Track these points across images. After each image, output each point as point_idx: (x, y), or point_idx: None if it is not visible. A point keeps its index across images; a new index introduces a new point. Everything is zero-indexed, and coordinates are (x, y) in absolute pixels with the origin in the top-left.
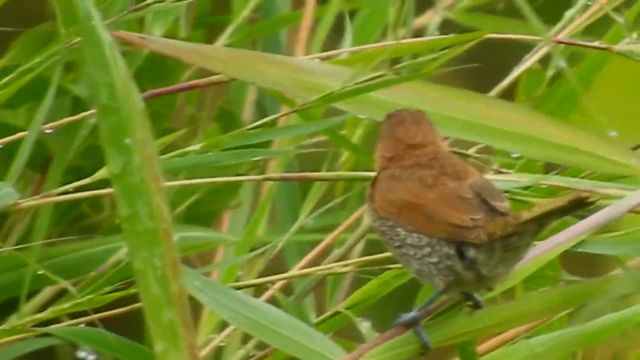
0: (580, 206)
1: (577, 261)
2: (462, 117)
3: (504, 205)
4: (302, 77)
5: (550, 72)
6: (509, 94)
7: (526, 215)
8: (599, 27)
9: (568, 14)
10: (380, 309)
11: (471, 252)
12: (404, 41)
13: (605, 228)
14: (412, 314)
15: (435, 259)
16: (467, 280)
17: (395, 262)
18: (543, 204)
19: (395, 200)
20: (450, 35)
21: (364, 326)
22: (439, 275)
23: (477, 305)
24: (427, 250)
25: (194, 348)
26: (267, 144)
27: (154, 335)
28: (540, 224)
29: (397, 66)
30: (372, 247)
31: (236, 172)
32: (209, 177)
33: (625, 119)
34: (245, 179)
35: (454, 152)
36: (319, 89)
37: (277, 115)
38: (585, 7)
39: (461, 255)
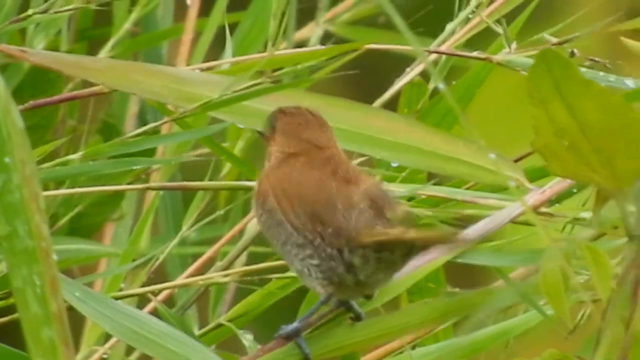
0: (446, 243)
1: (461, 271)
2: (341, 126)
3: (395, 215)
4: (181, 87)
5: (432, 85)
6: (391, 107)
7: (398, 234)
8: (482, 40)
9: (449, 26)
10: (265, 321)
11: (348, 256)
12: (282, 52)
13: (486, 238)
14: (294, 325)
15: (316, 261)
16: (347, 284)
17: (278, 272)
18: (418, 231)
19: (291, 192)
20: (328, 46)
21: (247, 338)
22: (320, 279)
23: (357, 317)
24: (309, 251)
25: None
26: (150, 153)
27: (32, 353)
28: (408, 247)
29: (276, 74)
30: (255, 259)
31: (119, 183)
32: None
33: (509, 131)
34: (124, 189)
35: None
36: (198, 99)
37: (157, 123)
38: (467, 20)
39: (341, 258)
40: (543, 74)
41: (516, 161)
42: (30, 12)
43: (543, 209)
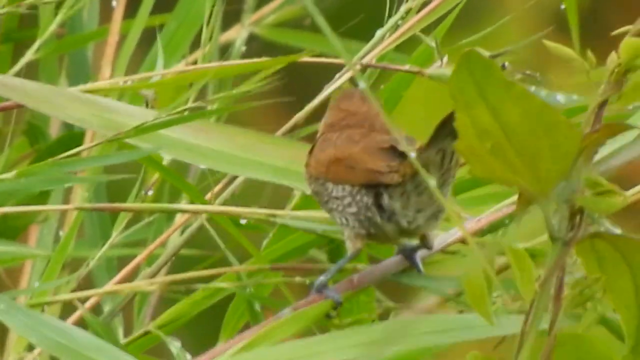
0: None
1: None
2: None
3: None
4: (106, 115)
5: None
6: (320, 112)
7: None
8: (409, 43)
9: (378, 33)
10: (191, 329)
11: (387, 201)
12: (212, 65)
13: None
14: (320, 278)
15: (354, 209)
16: (388, 232)
17: (204, 281)
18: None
19: (324, 158)
20: (263, 59)
21: (175, 346)
22: (356, 228)
23: (417, 269)
24: (348, 200)
25: None
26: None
27: None
28: (439, 151)
29: (205, 101)
30: (182, 266)
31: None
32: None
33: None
34: (55, 209)
35: None
36: (120, 127)
37: (83, 147)
38: (396, 27)
39: (379, 206)
40: (466, 76)
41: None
42: None
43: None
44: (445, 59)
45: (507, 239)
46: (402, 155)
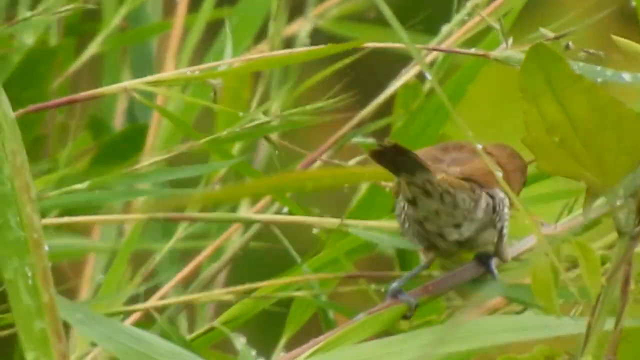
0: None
1: None
2: None
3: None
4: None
5: (427, 85)
6: (386, 108)
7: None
8: (476, 42)
9: (445, 28)
10: (254, 327)
11: (425, 224)
12: (277, 52)
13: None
14: (395, 284)
15: (412, 227)
16: (444, 247)
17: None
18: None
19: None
20: (323, 46)
21: (240, 342)
22: (419, 243)
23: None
24: (405, 219)
25: (65, 357)
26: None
27: (25, 345)
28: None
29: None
30: (246, 260)
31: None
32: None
33: (501, 127)
34: (118, 219)
35: None
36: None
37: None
38: (463, 22)
39: (419, 222)
40: (534, 69)
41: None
42: (28, 14)
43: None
44: (510, 41)
45: (574, 233)
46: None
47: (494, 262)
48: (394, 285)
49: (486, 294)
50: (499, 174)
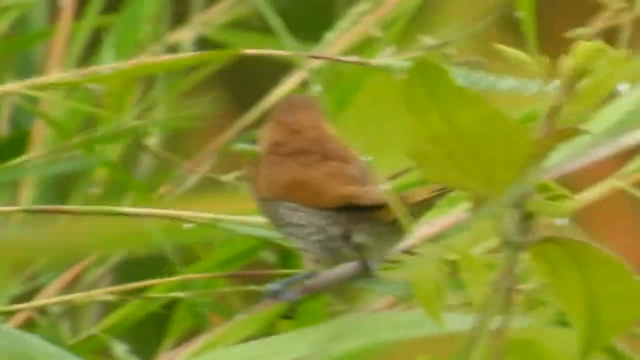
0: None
1: None
2: None
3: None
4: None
5: (311, 94)
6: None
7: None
8: (363, 50)
9: (329, 35)
10: (138, 333)
11: (354, 235)
12: (158, 58)
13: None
14: (276, 286)
15: (319, 237)
16: (351, 258)
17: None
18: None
19: (280, 180)
20: (211, 51)
21: (120, 349)
22: (315, 254)
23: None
24: (312, 229)
25: None
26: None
27: None
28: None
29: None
30: (133, 263)
31: None
32: None
33: (387, 136)
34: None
35: None
36: None
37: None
38: (348, 30)
39: (346, 238)
40: (418, 83)
41: (394, 177)
42: None
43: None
44: (391, 49)
45: (459, 242)
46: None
47: (374, 261)
48: (273, 286)
49: (373, 291)
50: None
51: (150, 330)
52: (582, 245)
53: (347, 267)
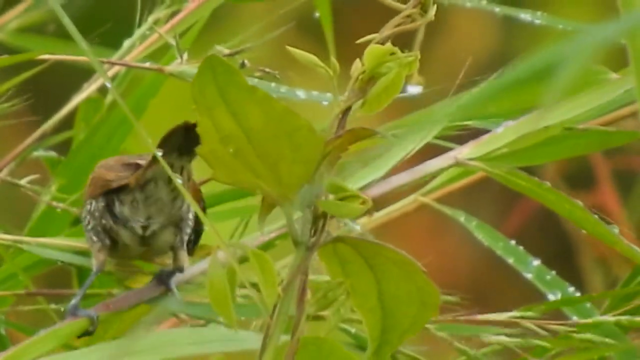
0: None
1: None
2: None
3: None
4: None
5: (109, 99)
6: (69, 121)
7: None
8: (160, 56)
9: (127, 42)
10: None
11: (117, 207)
12: None
13: None
14: (72, 302)
15: (95, 222)
16: (126, 242)
17: None
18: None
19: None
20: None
21: None
22: (97, 241)
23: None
24: (90, 214)
25: None
26: None
27: None
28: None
29: None
30: None
31: None
32: None
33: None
34: None
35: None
36: None
37: None
38: (145, 37)
39: (111, 212)
40: (208, 80)
41: (203, 183)
42: None
43: None
44: (185, 56)
45: (248, 242)
46: (137, 168)
47: (174, 280)
48: (72, 302)
49: (165, 308)
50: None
51: None
52: (373, 245)
53: (149, 287)
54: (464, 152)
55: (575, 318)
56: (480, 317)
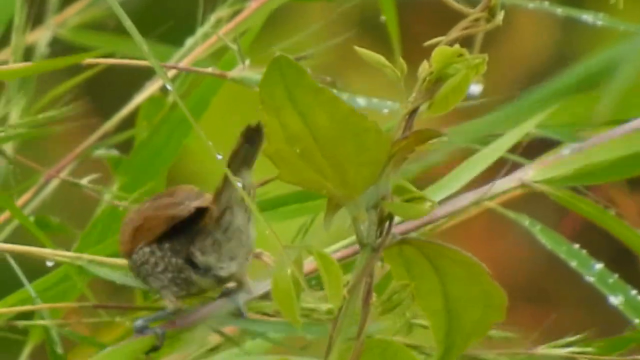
0: (253, 134)
1: None
2: None
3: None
4: None
5: (171, 98)
6: (130, 120)
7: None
8: (221, 55)
9: (189, 42)
10: None
11: (199, 257)
12: (15, 65)
13: None
14: (140, 321)
15: (170, 275)
16: (206, 287)
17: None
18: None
19: (125, 235)
20: (63, 57)
21: None
22: (177, 289)
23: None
24: (161, 266)
25: None
26: None
27: None
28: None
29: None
30: None
31: None
32: None
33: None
34: None
35: None
36: None
37: None
38: (207, 36)
39: (192, 264)
40: (275, 81)
41: (261, 184)
42: None
43: None
44: (247, 62)
45: (315, 243)
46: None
47: (242, 297)
48: (139, 322)
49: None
50: None
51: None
52: (439, 246)
53: (216, 304)
54: (530, 174)
55: (637, 321)
56: (540, 351)
